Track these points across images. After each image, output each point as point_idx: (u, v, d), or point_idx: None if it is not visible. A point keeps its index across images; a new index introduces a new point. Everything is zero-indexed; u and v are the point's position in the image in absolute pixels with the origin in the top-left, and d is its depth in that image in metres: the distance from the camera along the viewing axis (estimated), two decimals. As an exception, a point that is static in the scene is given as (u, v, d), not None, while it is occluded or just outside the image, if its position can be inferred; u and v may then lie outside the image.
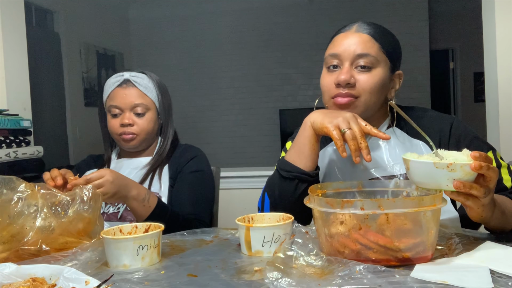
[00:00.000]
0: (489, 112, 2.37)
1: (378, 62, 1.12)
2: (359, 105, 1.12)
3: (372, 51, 1.12)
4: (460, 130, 1.17)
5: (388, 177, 1.12)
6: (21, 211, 0.97)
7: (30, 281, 0.72)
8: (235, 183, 2.66)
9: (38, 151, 2.44)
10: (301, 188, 1.09)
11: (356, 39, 1.13)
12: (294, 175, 1.09)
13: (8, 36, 2.45)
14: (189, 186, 1.46)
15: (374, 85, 1.12)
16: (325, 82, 1.16)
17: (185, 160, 1.50)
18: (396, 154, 1.16)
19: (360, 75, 1.12)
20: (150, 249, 0.89)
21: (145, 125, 1.46)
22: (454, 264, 0.79)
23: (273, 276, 0.73)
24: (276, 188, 1.14)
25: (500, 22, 2.22)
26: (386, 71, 1.14)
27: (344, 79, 1.10)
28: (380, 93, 1.14)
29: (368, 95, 1.12)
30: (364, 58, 1.11)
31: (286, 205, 1.09)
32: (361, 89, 1.11)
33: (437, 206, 0.80)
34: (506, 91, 2.22)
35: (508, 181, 1.11)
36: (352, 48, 1.12)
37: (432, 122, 1.19)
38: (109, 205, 1.43)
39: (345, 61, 1.12)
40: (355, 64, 1.12)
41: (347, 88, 1.11)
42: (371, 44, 1.12)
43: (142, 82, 1.46)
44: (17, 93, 2.53)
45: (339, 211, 0.79)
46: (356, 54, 1.12)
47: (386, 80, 1.15)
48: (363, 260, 0.78)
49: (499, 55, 2.23)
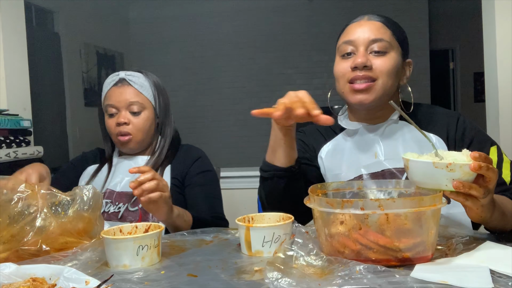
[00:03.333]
0: (489, 112, 2.37)
1: (392, 47, 1.16)
2: (377, 89, 1.14)
3: (386, 36, 1.16)
4: (465, 123, 1.22)
5: (399, 170, 1.14)
6: (21, 211, 0.97)
7: (30, 281, 0.72)
8: (235, 183, 2.66)
9: (38, 151, 2.44)
10: (281, 184, 1.12)
11: (369, 26, 1.17)
12: (272, 173, 1.13)
13: (8, 36, 2.45)
14: (201, 187, 1.47)
15: (391, 67, 1.15)
16: (340, 67, 1.18)
17: (190, 162, 1.51)
18: (411, 147, 1.17)
19: (375, 59, 1.15)
20: (150, 249, 0.89)
21: (140, 124, 1.46)
22: (454, 264, 0.79)
23: (273, 276, 0.73)
24: (261, 189, 1.18)
25: (500, 22, 2.22)
26: (399, 56, 1.18)
27: (361, 62, 1.13)
28: (396, 77, 1.17)
29: (386, 77, 1.14)
30: (378, 43, 1.15)
31: (274, 204, 1.11)
32: (379, 72, 1.14)
33: (437, 206, 0.80)
34: (506, 91, 2.22)
35: (508, 176, 1.12)
36: (366, 35, 1.16)
37: (440, 116, 1.23)
38: (110, 204, 1.43)
39: (360, 47, 1.16)
40: (370, 49, 1.15)
41: (364, 70, 1.13)
42: (384, 30, 1.17)
43: (137, 81, 1.46)
44: (17, 93, 2.53)
45: (339, 211, 0.79)
46: (371, 39, 1.15)
47: (400, 65, 1.18)
48: (363, 260, 0.78)
49: (499, 55, 2.23)
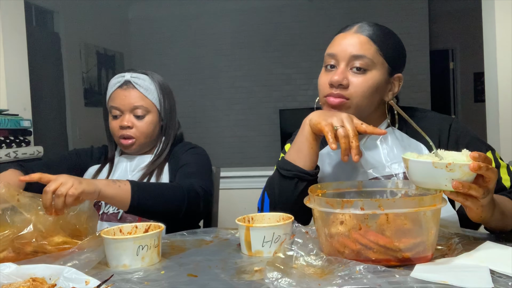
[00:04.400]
0: (489, 112, 2.37)
1: (374, 64, 1.13)
2: (351, 107, 1.13)
3: (368, 53, 1.12)
4: (459, 130, 1.18)
5: (387, 177, 1.13)
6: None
7: (30, 281, 0.72)
8: (235, 183, 2.66)
9: (38, 151, 2.44)
10: (300, 187, 1.10)
11: (354, 40, 1.13)
12: (294, 173, 1.10)
13: (8, 36, 2.45)
14: (190, 161, 1.44)
15: (366, 88, 1.12)
16: (321, 81, 1.17)
17: (184, 151, 1.50)
18: (394, 153, 1.16)
19: (354, 77, 1.12)
20: (150, 249, 0.89)
21: (144, 128, 1.45)
22: (454, 264, 0.79)
23: (273, 276, 0.73)
24: (276, 187, 1.14)
25: (500, 22, 2.22)
26: (382, 73, 1.14)
27: (336, 80, 1.11)
28: (374, 96, 1.14)
29: (360, 98, 1.12)
30: (359, 60, 1.12)
31: (286, 205, 1.09)
32: (353, 91, 1.12)
33: (437, 206, 0.80)
34: (506, 91, 2.22)
35: (507, 181, 1.11)
36: (349, 49, 1.13)
37: (432, 122, 1.19)
38: (109, 205, 1.43)
39: (341, 62, 1.13)
40: (351, 65, 1.13)
41: (339, 89, 1.12)
42: (368, 46, 1.13)
43: (143, 84, 1.45)
44: (17, 93, 2.53)
45: (339, 211, 0.79)
46: (352, 55, 1.12)
47: (382, 83, 1.15)
48: (363, 260, 0.78)
49: (499, 55, 2.23)
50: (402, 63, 1.20)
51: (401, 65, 1.20)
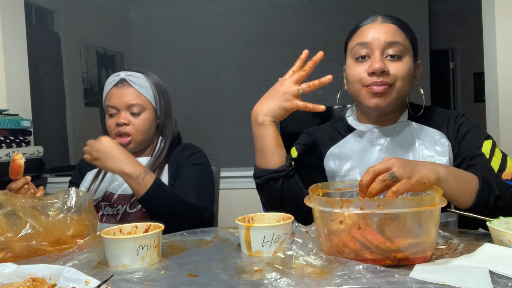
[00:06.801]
0: (489, 112, 2.37)
1: (406, 50, 1.17)
2: (393, 93, 1.16)
3: (401, 39, 1.16)
4: (463, 119, 1.24)
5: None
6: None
7: (30, 281, 0.72)
8: (235, 183, 2.65)
9: (38, 151, 2.44)
10: (278, 186, 1.12)
11: (384, 28, 1.17)
12: (266, 178, 1.13)
13: (8, 36, 2.45)
14: (192, 177, 1.46)
15: (406, 73, 1.16)
16: (355, 72, 1.18)
17: (185, 156, 1.50)
18: (422, 146, 1.20)
19: (391, 64, 1.15)
20: (150, 249, 0.89)
21: (140, 125, 1.46)
22: (454, 264, 0.79)
23: (272, 276, 0.73)
24: (261, 195, 1.19)
25: (500, 22, 2.22)
26: (411, 59, 1.19)
27: (379, 67, 1.13)
28: (410, 81, 1.19)
29: (402, 82, 1.15)
30: (393, 47, 1.15)
31: (276, 206, 1.11)
32: (395, 77, 1.15)
33: (437, 206, 0.80)
34: (506, 91, 2.22)
35: (497, 165, 1.12)
36: (383, 37, 1.15)
37: (442, 115, 1.26)
38: (108, 207, 1.43)
39: (376, 50, 1.15)
40: (385, 53, 1.15)
41: (382, 76, 1.14)
42: (398, 33, 1.17)
43: (138, 82, 1.46)
44: (17, 93, 2.53)
45: (338, 210, 0.79)
46: (387, 42, 1.15)
47: (412, 68, 1.20)
48: (363, 260, 0.78)
49: (499, 55, 2.23)
50: (418, 50, 1.25)
51: (418, 52, 1.25)
